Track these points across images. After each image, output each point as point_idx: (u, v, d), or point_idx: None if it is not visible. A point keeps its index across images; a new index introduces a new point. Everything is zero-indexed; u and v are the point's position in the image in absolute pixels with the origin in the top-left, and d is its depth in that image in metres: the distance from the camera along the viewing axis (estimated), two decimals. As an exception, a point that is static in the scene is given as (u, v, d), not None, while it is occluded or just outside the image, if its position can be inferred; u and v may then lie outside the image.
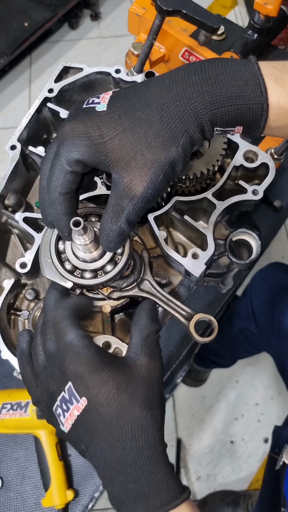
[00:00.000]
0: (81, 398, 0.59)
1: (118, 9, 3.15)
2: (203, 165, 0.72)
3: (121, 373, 0.60)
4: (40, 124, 0.89)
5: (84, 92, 0.90)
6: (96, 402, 0.58)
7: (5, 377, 1.35)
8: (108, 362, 0.61)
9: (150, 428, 0.58)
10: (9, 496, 1.25)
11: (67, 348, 0.62)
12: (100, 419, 0.58)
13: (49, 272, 0.67)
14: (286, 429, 1.14)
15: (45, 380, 0.63)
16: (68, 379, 0.60)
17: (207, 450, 2.14)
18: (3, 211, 0.84)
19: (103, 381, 0.59)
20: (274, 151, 0.87)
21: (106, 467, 0.58)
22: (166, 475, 0.57)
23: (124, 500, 0.57)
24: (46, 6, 2.66)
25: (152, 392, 0.61)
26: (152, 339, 0.65)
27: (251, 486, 2.07)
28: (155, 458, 0.57)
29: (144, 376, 0.61)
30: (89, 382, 0.59)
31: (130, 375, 0.60)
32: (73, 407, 0.59)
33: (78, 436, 0.60)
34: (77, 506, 1.24)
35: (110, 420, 0.58)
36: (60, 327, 0.63)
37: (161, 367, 0.64)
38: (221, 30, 1.11)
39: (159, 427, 0.59)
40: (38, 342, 0.67)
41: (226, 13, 3.13)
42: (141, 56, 0.91)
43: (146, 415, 0.58)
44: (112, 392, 0.58)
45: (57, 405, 0.61)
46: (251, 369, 2.27)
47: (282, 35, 2.23)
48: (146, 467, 0.57)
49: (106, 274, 0.67)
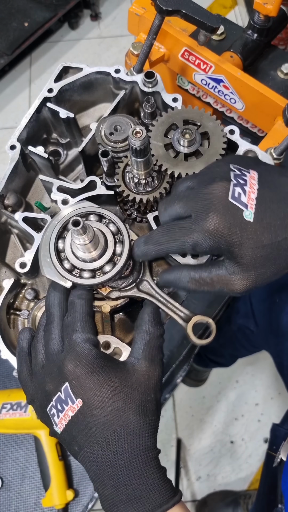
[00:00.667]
0: (76, 399, 0.59)
1: (118, 9, 3.15)
2: (203, 165, 0.72)
3: (117, 377, 0.60)
4: (40, 124, 0.89)
5: (83, 92, 0.90)
6: (91, 404, 0.58)
7: (5, 377, 1.35)
8: (106, 365, 0.61)
9: (143, 434, 0.58)
10: (9, 496, 1.25)
11: (70, 348, 0.62)
12: (94, 421, 0.58)
13: (48, 271, 0.67)
14: (284, 426, 1.14)
15: (42, 379, 0.63)
16: (66, 379, 0.60)
17: (207, 450, 2.14)
18: (3, 211, 0.84)
19: (99, 383, 0.59)
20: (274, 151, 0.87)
21: (98, 470, 0.58)
22: (158, 479, 0.58)
23: (116, 503, 0.57)
24: (46, 6, 2.66)
25: (148, 398, 0.61)
26: (155, 344, 0.65)
27: (251, 486, 2.07)
28: (146, 463, 0.58)
29: (141, 382, 0.61)
30: (86, 384, 0.59)
31: (126, 380, 0.60)
32: (68, 408, 0.60)
33: (72, 437, 0.60)
34: (77, 506, 1.24)
35: (103, 423, 0.58)
36: (69, 328, 0.64)
37: (160, 374, 0.64)
38: (221, 30, 1.11)
39: (151, 433, 0.60)
40: (39, 340, 0.67)
41: (226, 13, 3.13)
42: (141, 56, 0.90)
43: (139, 421, 0.59)
44: (107, 396, 0.59)
45: (52, 405, 0.61)
46: (251, 369, 2.27)
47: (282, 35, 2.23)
48: (138, 471, 0.57)
49: (104, 274, 0.67)
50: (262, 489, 1.18)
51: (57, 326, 0.66)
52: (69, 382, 0.60)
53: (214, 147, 0.73)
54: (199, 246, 0.59)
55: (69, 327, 0.64)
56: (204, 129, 0.74)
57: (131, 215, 0.81)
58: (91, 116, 0.96)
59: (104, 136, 0.80)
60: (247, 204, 0.58)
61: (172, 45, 1.05)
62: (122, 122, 0.80)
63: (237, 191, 0.59)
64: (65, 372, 0.61)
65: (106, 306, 0.72)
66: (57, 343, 0.64)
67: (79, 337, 0.63)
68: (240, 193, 0.59)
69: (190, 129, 0.72)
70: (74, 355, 0.61)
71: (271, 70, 1.08)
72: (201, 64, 1.02)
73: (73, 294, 0.68)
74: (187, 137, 0.71)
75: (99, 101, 0.95)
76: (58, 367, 0.62)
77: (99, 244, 0.66)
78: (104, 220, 0.70)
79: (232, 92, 1.02)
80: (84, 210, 0.70)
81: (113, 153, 0.77)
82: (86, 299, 0.67)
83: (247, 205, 0.58)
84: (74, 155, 0.95)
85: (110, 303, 0.72)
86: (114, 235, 0.68)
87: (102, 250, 0.66)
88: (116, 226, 0.69)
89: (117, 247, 0.67)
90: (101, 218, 0.70)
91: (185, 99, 1.20)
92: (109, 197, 0.76)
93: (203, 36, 0.89)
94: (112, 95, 0.91)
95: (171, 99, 0.83)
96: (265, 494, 1.15)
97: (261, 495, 1.19)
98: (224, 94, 1.04)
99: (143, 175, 0.72)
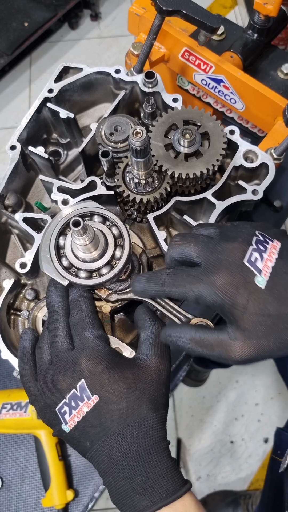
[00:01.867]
0: (92, 395, 0.60)
1: (118, 9, 3.14)
2: (203, 165, 0.72)
3: (131, 373, 0.62)
4: (40, 124, 0.89)
5: (84, 92, 0.90)
6: (107, 399, 0.60)
7: (5, 377, 1.35)
8: (119, 362, 0.63)
9: (156, 426, 0.61)
10: (9, 496, 1.25)
11: (83, 345, 0.63)
12: (109, 416, 0.60)
13: (47, 267, 0.68)
14: None
15: (52, 377, 0.64)
16: (82, 375, 0.61)
17: (207, 450, 2.14)
18: (3, 211, 0.84)
19: (114, 380, 0.61)
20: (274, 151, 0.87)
21: (111, 463, 0.59)
22: (171, 467, 0.60)
23: (129, 494, 0.58)
24: (46, 6, 2.66)
25: (160, 393, 0.63)
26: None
27: (251, 486, 2.07)
28: (160, 453, 0.60)
29: (153, 378, 0.63)
30: (102, 380, 0.61)
31: (140, 376, 0.62)
32: (83, 404, 0.61)
33: (83, 433, 0.61)
34: (77, 506, 1.24)
35: (118, 417, 0.60)
36: (79, 325, 0.65)
37: (169, 368, 0.65)
38: (221, 30, 1.11)
39: (162, 425, 0.62)
40: (45, 340, 0.67)
41: (226, 13, 3.13)
42: (141, 56, 0.90)
43: (152, 415, 0.61)
44: (123, 391, 0.60)
45: (64, 403, 0.62)
46: (251, 369, 2.27)
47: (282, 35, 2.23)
48: (152, 460, 0.59)
49: (101, 276, 0.67)
50: (267, 493, 1.18)
51: (63, 323, 0.66)
52: (86, 378, 0.61)
53: (214, 147, 0.74)
54: (203, 298, 0.58)
55: (78, 324, 0.65)
56: (204, 129, 0.74)
57: (131, 215, 0.82)
58: (91, 116, 0.96)
59: (104, 136, 0.80)
60: (261, 270, 0.58)
61: (172, 45, 1.05)
62: (122, 123, 0.80)
63: (254, 255, 0.58)
64: (81, 368, 0.62)
65: (107, 306, 0.72)
66: (65, 340, 0.65)
67: (91, 334, 0.64)
68: (257, 258, 0.58)
69: (190, 130, 0.72)
70: (89, 352, 0.62)
71: (271, 70, 1.08)
72: (201, 64, 1.02)
73: (74, 293, 0.68)
74: (187, 138, 0.72)
75: (99, 101, 0.95)
76: (72, 364, 0.63)
77: (99, 245, 0.66)
78: (107, 222, 0.70)
79: (232, 92, 1.02)
80: (88, 210, 0.70)
81: (113, 154, 0.77)
82: (88, 297, 0.68)
83: (261, 271, 0.58)
84: (74, 155, 0.95)
85: (110, 303, 0.72)
86: (116, 238, 0.68)
87: (102, 250, 0.66)
88: (118, 230, 0.69)
89: (116, 251, 0.68)
90: (105, 220, 0.70)
91: (185, 99, 1.20)
92: (109, 197, 0.76)
93: (203, 36, 0.89)
94: (112, 95, 0.91)
95: (171, 99, 0.83)
96: (270, 498, 1.15)
97: (266, 499, 1.18)
98: (224, 94, 1.04)
99: (143, 176, 0.72)
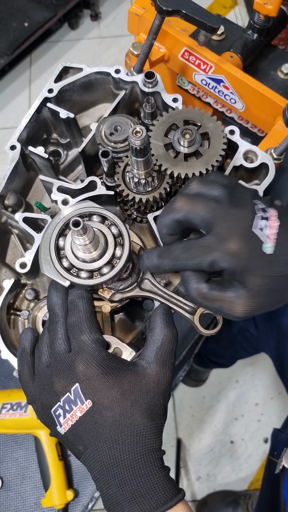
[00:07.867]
0: (86, 400, 0.60)
1: (118, 9, 3.15)
2: (202, 165, 0.72)
3: (127, 379, 0.61)
4: (40, 124, 0.89)
5: (83, 92, 0.90)
6: (101, 405, 0.59)
7: (5, 377, 1.35)
8: (116, 367, 0.62)
9: (149, 436, 0.59)
10: (9, 496, 1.25)
11: (80, 349, 0.62)
12: (102, 422, 0.59)
13: (47, 269, 0.67)
14: (285, 431, 1.13)
15: (49, 379, 0.63)
16: (76, 379, 0.61)
17: (207, 450, 2.14)
18: (3, 211, 0.84)
19: (109, 385, 0.60)
20: (274, 151, 0.87)
21: (102, 469, 0.59)
22: (162, 478, 0.58)
23: (120, 502, 0.57)
24: (46, 6, 2.67)
25: (156, 403, 0.61)
26: (167, 348, 0.65)
27: (251, 486, 2.07)
28: (151, 463, 0.58)
29: (150, 387, 0.62)
30: (96, 385, 0.60)
31: (136, 383, 0.61)
32: (76, 408, 0.60)
33: (77, 437, 0.61)
34: (77, 506, 1.24)
35: (111, 424, 0.59)
36: (76, 328, 0.64)
37: (170, 379, 0.64)
38: (221, 30, 1.11)
39: (157, 435, 0.60)
40: (44, 342, 0.67)
41: (226, 13, 3.13)
42: (141, 56, 0.90)
43: (146, 423, 0.59)
44: (117, 397, 0.59)
45: (59, 405, 0.62)
46: (251, 369, 2.27)
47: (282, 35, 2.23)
48: (143, 470, 0.58)
49: (102, 276, 0.67)
50: (264, 494, 1.18)
51: (62, 326, 0.66)
52: (80, 383, 0.60)
53: (214, 148, 0.73)
54: (216, 264, 0.60)
55: (75, 327, 0.64)
56: (204, 129, 0.74)
57: (131, 215, 0.82)
58: (91, 116, 0.96)
59: (104, 136, 0.80)
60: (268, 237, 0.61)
61: (172, 45, 1.05)
62: (122, 122, 0.80)
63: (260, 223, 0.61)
64: (76, 372, 0.61)
65: (106, 306, 0.72)
66: (63, 343, 0.64)
67: (87, 337, 0.63)
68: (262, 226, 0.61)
69: (190, 130, 0.72)
70: (85, 356, 0.61)
71: (271, 70, 1.08)
72: (201, 64, 1.02)
73: (73, 294, 0.68)
74: (187, 137, 0.71)
75: (99, 101, 0.95)
76: (68, 367, 0.62)
77: (99, 245, 0.66)
78: (106, 221, 0.70)
79: (232, 92, 1.02)
80: (87, 210, 0.70)
81: (113, 154, 0.77)
82: (87, 298, 0.68)
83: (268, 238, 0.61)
84: (74, 155, 0.95)
85: (110, 303, 0.72)
86: (115, 237, 0.68)
87: (102, 250, 0.66)
88: (118, 229, 0.69)
89: (117, 250, 0.67)
90: (104, 219, 0.70)
91: (185, 99, 1.20)
92: (109, 197, 0.76)
93: (203, 36, 0.89)
94: (112, 95, 0.91)
95: (171, 99, 0.83)
96: (267, 499, 1.15)
97: (263, 500, 1.19)
98: (224, 94, 1.04)
99: (143, 175, 0.72)
